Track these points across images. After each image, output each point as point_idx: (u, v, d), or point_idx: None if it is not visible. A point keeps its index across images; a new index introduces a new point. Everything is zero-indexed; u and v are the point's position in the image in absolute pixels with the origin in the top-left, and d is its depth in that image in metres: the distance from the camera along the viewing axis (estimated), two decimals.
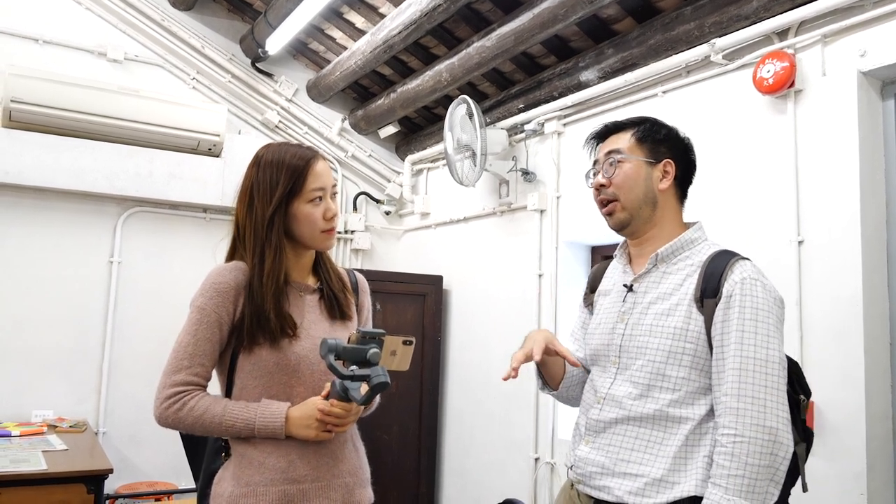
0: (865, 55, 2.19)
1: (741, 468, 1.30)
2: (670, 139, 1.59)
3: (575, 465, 1.54)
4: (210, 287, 1.54)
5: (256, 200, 1.57)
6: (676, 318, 1.44)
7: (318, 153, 1.64)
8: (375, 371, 1.44)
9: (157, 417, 1.53)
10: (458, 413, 4.02)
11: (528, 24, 3.00)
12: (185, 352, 1.51)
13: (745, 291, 1.39)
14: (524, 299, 3.54)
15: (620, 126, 1.62)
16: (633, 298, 1.55)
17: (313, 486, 1.53)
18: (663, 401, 1.43)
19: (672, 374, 1.43)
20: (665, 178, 1.56)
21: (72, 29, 3.95)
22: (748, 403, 1.32)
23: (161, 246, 4.07)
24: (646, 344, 1.46)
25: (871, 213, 2.19)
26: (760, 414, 1.31)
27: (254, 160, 1.63)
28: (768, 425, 1.31)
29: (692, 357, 1.42)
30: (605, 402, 1.51)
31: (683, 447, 1.40)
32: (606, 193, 1.58)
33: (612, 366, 1.54)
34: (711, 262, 1.46)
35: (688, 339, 1.42)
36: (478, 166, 3.49)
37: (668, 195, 1.57)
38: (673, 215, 1.58)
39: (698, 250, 1.52)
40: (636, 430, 1.44)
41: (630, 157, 1.56)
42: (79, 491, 2.66)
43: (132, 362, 3.91)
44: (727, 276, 1.41)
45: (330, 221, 1.60)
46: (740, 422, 1.32)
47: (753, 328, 1.36)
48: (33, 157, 3.60)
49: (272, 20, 3.87)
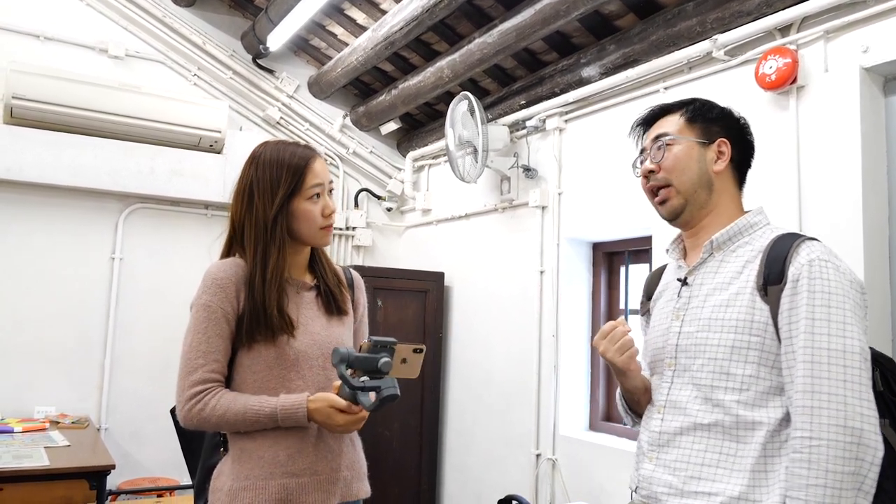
0: (868, 51, 2.19)
1: (821, 476, 1.13)
2: (724, 118, 1.46)
3: (640, 487, 1.37)
4: (212, 283, 1.54)
5: (257, 199, 1.58)
6: (738, 308, 1.28)
7: (316, 151, 1.65)
8: (386, 383, 1.45)
9: (183, 420, 1.52)
10: (460, 409, 4.03)
11: (530, 20, 3.00)
12: (198, 350, 1.51)
13: (815, 274, 1.22)
14: (525, 296, 3.54)
15: (668, 108, 1.49)
16: (688, 292, 1.39)
17: (312, 479, 1.53)
18: (730, 402, 1.26)
19: (737, 372, 1.26)
20: (720, 159, 1.42)
21: (73, 25, 3.95)
22: (824, 401, 1.15)
23: (162, 243, 4.07)
24: (705, 340, 1.31)
25: (873, 210, 2.19)
26: (840, 412, 1.14)
27: (251, 158, 1.63)
28: (850, 425, 1.13)
29: (759, 352, 1.25)
30: (666, 410, 1.36)
31: (762, 458, 1.22)
32: (657, 179, 1.43)
33: (668, 369, 1.39)
34: (775, 246, 1.30)
35: (753, 331, 1.26)
36: (479, 163, 3.49)
37: (725, 178, 1.43)
38: (731, 200, 1.43)
39: (759, 234, 1.37)
40: (705, 441, 1.28)
41: (680, 138, 1.42)
42: (81, 487, 2.67)
43: (134, 359, 3.92)
44: (792, 259, 1.25)
45: (328, 218, 1.61)
46: (815, 422, 1.15)
47: (826, 315, 1.19)
48: (35, 153, 3.60)
49: (273, 16, 3.86)
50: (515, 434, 3.52)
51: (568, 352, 3.33)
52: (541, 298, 3.45)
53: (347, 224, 4.61)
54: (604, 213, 3.14)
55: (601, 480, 2.99)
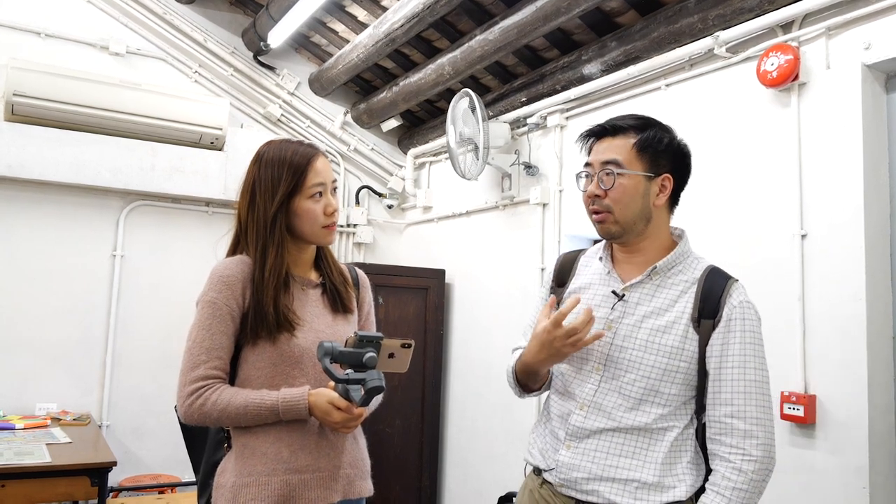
0: (870, 48, 2.18)
1: (746, 483, 1.38)
2: (671, 150, 1.52)
3: (557, 470, 1.51)
4: (218, 281, 1.55)
5: (258, 198, 1.59)
6: (673, 336, 1.45)
7: (319, 150, 1.65)
8: (371, 375, 1.45)
9: (183, 415, 1.53)
10: (461, 406, 4.03)
11: (531, 17, 2.99)
12: (201, 347, 1.52)
13: (745, 315, 1.44)
14: (526, 293, 3.54)
15: (620, 129, 1.53)
16: (622, 307, 1.52)
17: (315, 476, 1.54)
18: (654, 415, 1.45)
19: (665, 391, 1.45)
20: (662, 193, 1.51)
21: (74, 22, 3.95)
22: (754, 425, 1.40)
23: (163, 239, 4.08)
24: (640, 359, 1.46)
25: (875, 207, 2.19)
26: (765, 435, 1.40)
27: (255, 157, 1.64)
28: (768, 443, 1.40)
29: (685, 375, 1.45)
30: (591, 409, 1.50)
31: (669, 454, 1.45)
32: (601, 205, 1.52)
33: (594, 372, 1.52)
34: (707, 281, 1.48)
35: (682, 358, 1.45)
36: (480, 160, 3.49)
37: (662, 208, 1.54)
38: (663, 226, 1.56)
39: (690, 264, 1.53)
40: (623, 438, 1.47)
41: (629, 171, 1.49)
42: (83, 483, 2.68)
43: (135, 355, 3.93)
44: (726, 300, 1.45)
45: (330, 217, 1.62)
46: (749, 443, 1.39)
47: (753, 351, 1.43)
48: (36, 150, 3.60)
49: (274, 13, 3.86)
50: (516, 431, 3.52)
51: None
52: None
53: (348, 221, 4.61)
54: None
55: None
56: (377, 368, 1.48)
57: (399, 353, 1.53)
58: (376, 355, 1.47)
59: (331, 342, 1.46)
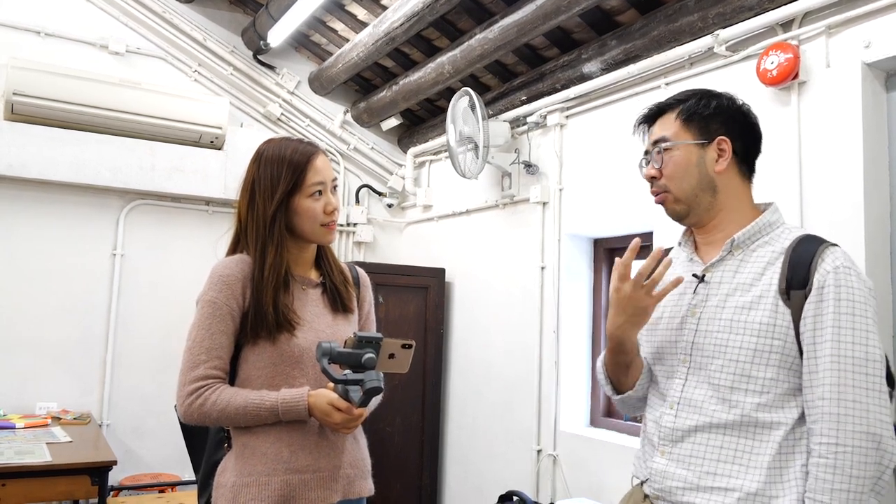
0: (870, 46, 2.18)
1: (846, 481, 1.17)
2: (722, 111, 1.41)
3: (651, 480, 1.38)
4: (218, 280, 1.55)
5: (258, 196, 1.59)
6: (761, 312, 1.28)
7: (319, 148, 1.65)
8: (369, 375, 1.44)
9: (183, 415, 1.53)
10: (461, 405, 4.03)
11: (531, 16, 2.99)
12: (201, 346, 1.52)
13: (841, 282, 1.24)
14: (526, 292, 3.54)
15: (665, 107, 1.46)
16: (705, 289, 1.38)
17: (315, 476, 1.54)
18: (750, 405, 1.28)
19: (759, 375, 1.28)
20: (722, 158, 1.38)
21: (73, 21, 3.95)
22: (849, 408, 1.19)
23: (163, 239, 4.08)
24: (726, 341, 1.31)
25: (875, 206, 2.19)
26: (863, 420, 1.19)
27: (255, 156, 1.64)
28: (872, 432, 1.18)
29: (780, 355, 1.27)
30: (680, 406, 1.36)
31: (778, 456, 1.25)
32: (658, 185, 1.43)
33: (681, 365, 1.39)
34: (797, 248, 1.30)
35: (775, 335, 1.27)
36: (480, 159, 3.49)
37: (730, 175, 1.40)
38: (740, 196, 1.41)
39: (778, 234, 1.35)
40: (721, 439, 1.29)
41: (677, 142, 1.40)
42: (83, 482, 2.68)
43: (135, 354, 3.93)
44: (818, 265, 1.26)
45: (330, 215, 1.62)
46: (842, 429, 1.19)
47: (851, 323, 1.22)
48: (35, 150, 3.60)
49: (274, 12, 3.86)
50: (516, 430, 3.52)
51: (569, 348, 3.33)
52: (542, 294, 3.45)
53: (348, 220, 4.61)
54: (605, 208, 3.14)
55: (602, 476, 3.00)
56: (377, 369, 1.47)
57: (400, 353, 1.52)
58: (375, 356, 1.46)
59: (329, 343, 1.45)
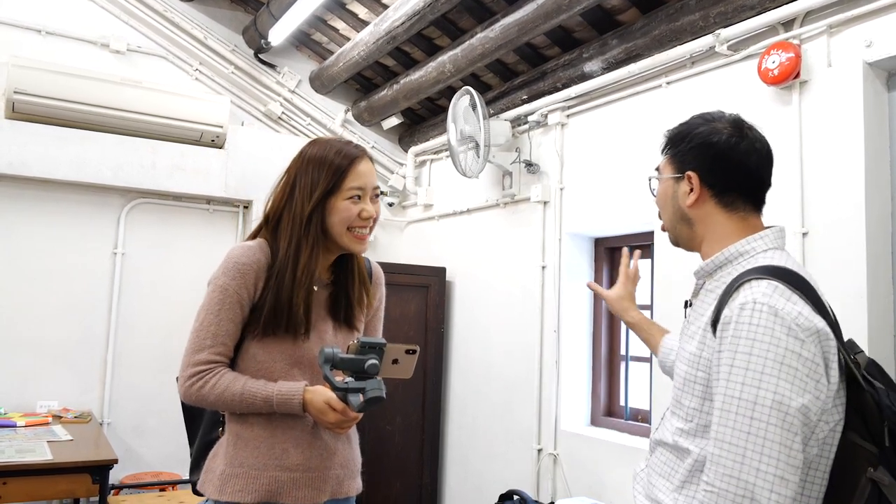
0: (871, 46, 2.18)
1: None
2: (693, 145, 1.37)
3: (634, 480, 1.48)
4: (233, 267, 1.53)
5: (297, 194, 1.57)
6: (695, 342, 1.30)
7: (365, 152, 1.62)
8: (371, 384, 1.42)
9: (182, 395, 1.53)
10: (461, 404, 4.03)
11: (532, 15, 2.99)
12: (207, 331, 1.52)
13: (743, 319, 1.16)
14: (527, 291, 3.54)
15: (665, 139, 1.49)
16: (689, 315, 1.42)
17: (304, 475, 1.53)
18: (673, 428, 1.32)
19: (686, 404, 1.29)
20: (692, 192, 1.36)
21: (74, 20, 3.95)
22: (724, 451, 1.13)
23: (164, 237, 4.08)
24: (676, 367, 1.38)
25: (876, 205, 2.18)
26: (736, 465, 1.12)
27: (299, 154, 1.62)
28: (743, 478, 1.10)
29: (703, 387, 1.25)
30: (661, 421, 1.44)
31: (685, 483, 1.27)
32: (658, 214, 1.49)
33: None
34: (735, 280, 1.25)
35: (699, 366, 1.26)
36: (481, 158, 3.49)
37: (706, 209, 1.36)
38: (718, 228, 1.36)
39: (742, 265, 1.29)
40: (664, 455, 1.35)
41: (661, 175, 1.44)
42: (84, 481, 2.68)
43: (136, 353, 3.93)
44: (729, 300, 1.21)
45: (364, 221, 1.58)
46: (716, 471, 1.14)
47: (745, 362, 1.14)
48: (37, 148, 3.60)
49: (275, 11, 3.86)
50: (517, 429, 3.52)
51: (569, 347, 3.33)
52: (542, 293, 3.45)
53: None
54: (605, 208, 3.14)
55: (602, 475, 3.00)
56: (380, 375, 1.45)
57: (403, 358, 1.50)
58: (378, 362, 1.44)
59: (332, 348, 1.43)
